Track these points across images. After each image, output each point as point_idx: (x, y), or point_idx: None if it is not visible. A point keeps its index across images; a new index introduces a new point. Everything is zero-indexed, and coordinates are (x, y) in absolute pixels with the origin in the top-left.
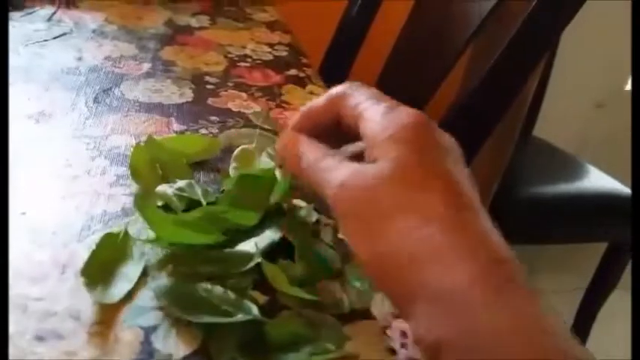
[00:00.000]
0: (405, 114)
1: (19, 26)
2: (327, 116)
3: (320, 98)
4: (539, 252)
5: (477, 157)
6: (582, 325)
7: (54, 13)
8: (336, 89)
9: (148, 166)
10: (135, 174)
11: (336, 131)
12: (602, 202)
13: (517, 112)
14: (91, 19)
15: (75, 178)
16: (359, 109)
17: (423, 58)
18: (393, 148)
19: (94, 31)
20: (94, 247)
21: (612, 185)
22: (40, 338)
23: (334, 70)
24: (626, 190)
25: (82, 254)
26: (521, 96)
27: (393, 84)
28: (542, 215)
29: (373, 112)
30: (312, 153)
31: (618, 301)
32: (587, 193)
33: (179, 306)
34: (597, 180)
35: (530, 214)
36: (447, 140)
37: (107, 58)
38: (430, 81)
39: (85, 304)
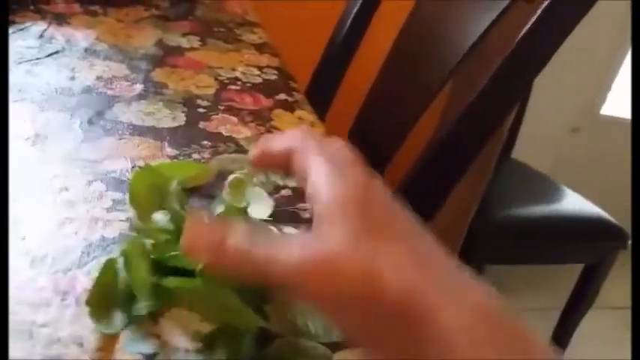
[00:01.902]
0: (351, 180)
1: (10, 42)
2: (282, 159)
3: (278, 138)
4: (516, 272)
5: None
6: (559, 345)
7: (45, 29)
8: (294, 133)
9: (146, 193)
10: (133, 200)
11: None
12: (578, 224)
13: (496, 136)
14: (83, 37)
15: (72, 203)
16: (307, 168)
17: (408, 85)
18: (340, 217)
19: (85, 50)
20: (96, 274)
21: (587, 207)
22: None
23: (320, 95)
24: (601, 212)
25: (82, 280)
26: None
27: (377, 111)
28: (519, 236)
29: (321, 170)
30: (239, 232)
31: (594, 321)
32: (563, 215)
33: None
34: (573, 202)
35: (508, 234)
36: (394, 203)
37: (99, 78)
38: (413, 108)
39: (87, 330)
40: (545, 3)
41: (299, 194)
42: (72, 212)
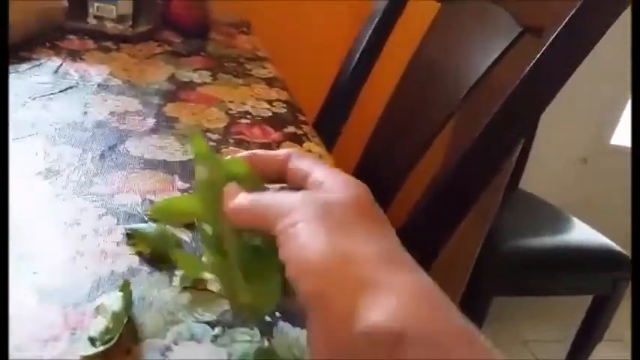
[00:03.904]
0: (353, 181)
1: (26, 78)
2: (275, 167)
3: (270, 152)
4: (525, 303)
5: None
6: None
7: (60, 65)
8: (286, 150)
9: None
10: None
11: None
12: (587, 255)
13: (504, 167)
14: (96, 73)
15: (83, 236)
16: (309, 166)
17: (414, 118)
18: (349, 186)
19: (99, 85)
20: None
21: (596, 238)
22: None
23: (328, 127)
24: (610, 243)
25: (92, 315)
26: None
27: (384, 144)
28: (527, 267)
29: (323, 171)
30: (249, 195)
31: (605, 354)
32: (571, 246)
33: None
34: (581, 233)
35: (516, 265)
36: (382, 214)
37: (112, 113)
38: (420, 141)
39: None
40: (552, 38)
41: None
42: (82, 246)
